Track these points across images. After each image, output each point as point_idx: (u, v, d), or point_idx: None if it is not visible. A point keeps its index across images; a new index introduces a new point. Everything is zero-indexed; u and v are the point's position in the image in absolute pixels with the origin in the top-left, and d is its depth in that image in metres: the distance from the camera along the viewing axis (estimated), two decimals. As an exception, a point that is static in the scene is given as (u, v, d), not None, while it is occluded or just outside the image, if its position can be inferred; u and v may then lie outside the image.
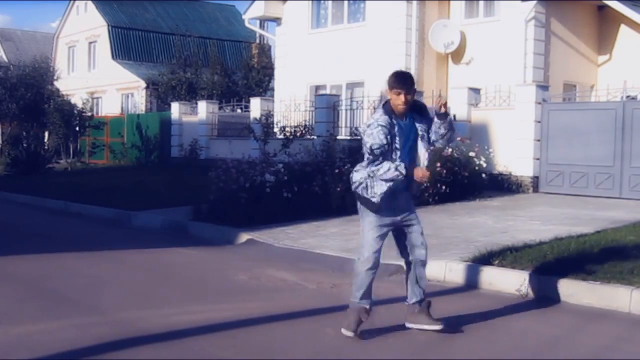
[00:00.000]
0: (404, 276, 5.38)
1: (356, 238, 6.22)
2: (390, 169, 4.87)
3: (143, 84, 32.08)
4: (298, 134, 17.02)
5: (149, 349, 4.78)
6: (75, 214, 13.20)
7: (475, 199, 12.65)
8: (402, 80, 4.97)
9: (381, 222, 5.04)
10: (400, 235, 5.20)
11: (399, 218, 5.09)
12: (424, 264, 5.20)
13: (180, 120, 23.20)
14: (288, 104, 19.06)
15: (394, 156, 4.93)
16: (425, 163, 5.03)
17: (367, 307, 5.08)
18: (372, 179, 4.97)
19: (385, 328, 5.21)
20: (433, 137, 5.07)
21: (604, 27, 17.31)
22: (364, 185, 5.02)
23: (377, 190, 4.96)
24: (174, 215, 11.39)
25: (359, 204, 5.14)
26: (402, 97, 4.91)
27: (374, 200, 4.98)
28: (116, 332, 5.15)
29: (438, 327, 5.11)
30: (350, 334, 5.00)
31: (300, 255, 8.36)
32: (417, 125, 5.04)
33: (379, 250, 5.09)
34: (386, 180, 4.92)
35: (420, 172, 4.90)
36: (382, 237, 5.09)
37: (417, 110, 5.07)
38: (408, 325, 5.21)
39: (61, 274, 7.51)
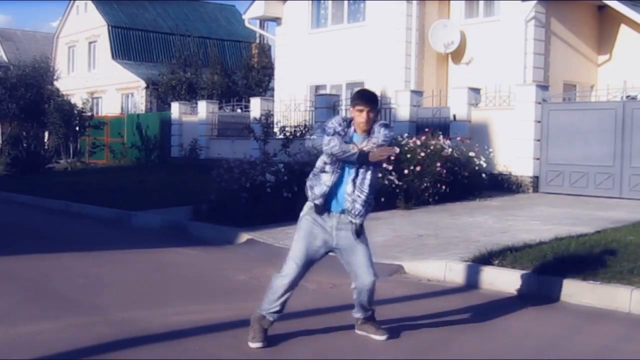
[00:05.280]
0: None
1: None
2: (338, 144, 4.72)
3: (143, 84, 32.09)
4: (298, 134, 17.01)
5: (149, 349, 4.78)
6: (75, 214, 13.19)
7: (475, 199, 12.65)
8: (364, 98, 4.78)
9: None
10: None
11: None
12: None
13: (180, 120, 23.21)
14: (288, 104, 19.06)
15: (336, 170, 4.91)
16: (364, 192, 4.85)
17: (272, 319, 4.88)
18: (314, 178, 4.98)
19: (384, 328, 5.20)
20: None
21: (604, 27, 17.31)
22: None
23: (317, 191, 4.94)
24: (174, 215, 11.38)
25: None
26: (364, 115, 4.72)
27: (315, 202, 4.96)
28: (116, 332, 5.15)
29: (383, 336, 4.98)
30: (259, 344, 4.80)
31: (300, 255, 8.35)
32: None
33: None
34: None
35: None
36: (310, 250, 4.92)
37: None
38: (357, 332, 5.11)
39: (61, 274, 7.50)
